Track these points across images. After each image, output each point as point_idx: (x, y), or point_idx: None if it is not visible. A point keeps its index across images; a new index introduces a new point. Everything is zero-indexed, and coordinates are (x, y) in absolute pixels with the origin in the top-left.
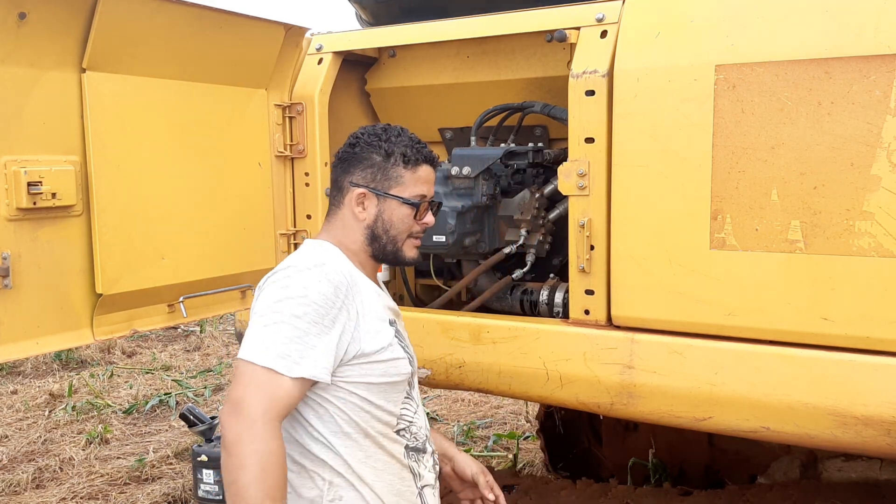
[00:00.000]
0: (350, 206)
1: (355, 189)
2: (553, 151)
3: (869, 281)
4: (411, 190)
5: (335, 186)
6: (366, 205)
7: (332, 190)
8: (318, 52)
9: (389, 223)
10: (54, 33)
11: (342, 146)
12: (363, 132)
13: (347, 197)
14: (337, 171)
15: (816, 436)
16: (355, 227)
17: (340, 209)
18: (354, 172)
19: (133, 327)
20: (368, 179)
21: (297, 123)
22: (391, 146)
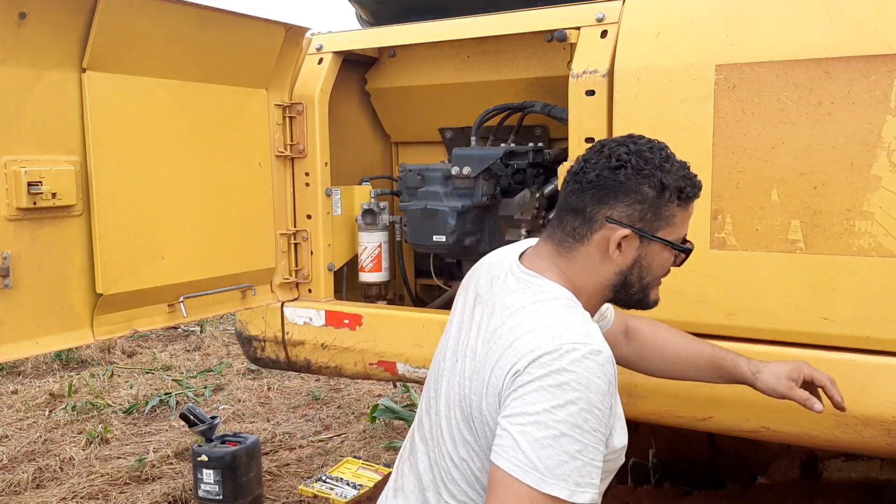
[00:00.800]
0: (601, 246)
1: (616, 228)
2: (553, 151)
3: (869, 281)
4: (679, 231)
5: (577, 214)
6: (625, 247)
7: (571, 217)
8: (318, 51)
9: (647, 269)
10: (54, 33)
11: (592, 162)
12: (629, 152)
13: (600, 235)
14: (584, 196)
15: (816, 436)
16: (602, 271)
17: (584, 245)
18: (615, 206)
19: (133, 327)
20: (635, 218)
21: (297, 123)
22: (666, 177)
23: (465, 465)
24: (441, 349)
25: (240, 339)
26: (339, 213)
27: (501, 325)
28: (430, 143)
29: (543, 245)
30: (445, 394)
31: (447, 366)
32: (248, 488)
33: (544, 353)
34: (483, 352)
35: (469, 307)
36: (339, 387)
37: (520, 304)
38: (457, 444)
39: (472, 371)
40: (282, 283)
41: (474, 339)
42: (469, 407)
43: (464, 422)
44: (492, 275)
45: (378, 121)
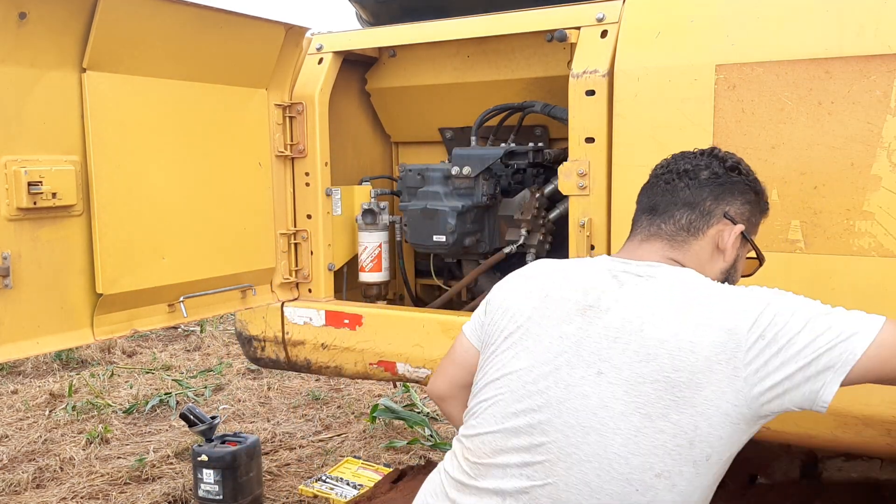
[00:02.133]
0: (714, 241)
1: (730, 224)
2: (553, 151)
3: (869, 281)
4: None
5: (697, 210)
6: (734, 244)
7: (689, 213)
8: (318, 51)
9: (736, 274)
10: (54, 33)
11: (704, 162)
12: (735, 159)
13: (716, 229)
14: (703, 192)
15: (816, 436)
16: (710, 265)
17: (699, 238)
18: (732, 203)
19: (133, 327)
20: (745, 217)
21: (297, 123)
22: (759, 187)
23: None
24: (517, 384)
25: (240, 339)
26: (339, 213)
27: (669, 312)
28: (430, 143)
29: (649, 245)
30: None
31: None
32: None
33: (758, 296)
34: (654, 348)
35: (572, 321)
36: (339, 387)
37: (688, 278)
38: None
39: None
40: (282, 283)
41: (620, 345)
42: (672, 400)
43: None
44: (589, 285)
45: (378, 121)
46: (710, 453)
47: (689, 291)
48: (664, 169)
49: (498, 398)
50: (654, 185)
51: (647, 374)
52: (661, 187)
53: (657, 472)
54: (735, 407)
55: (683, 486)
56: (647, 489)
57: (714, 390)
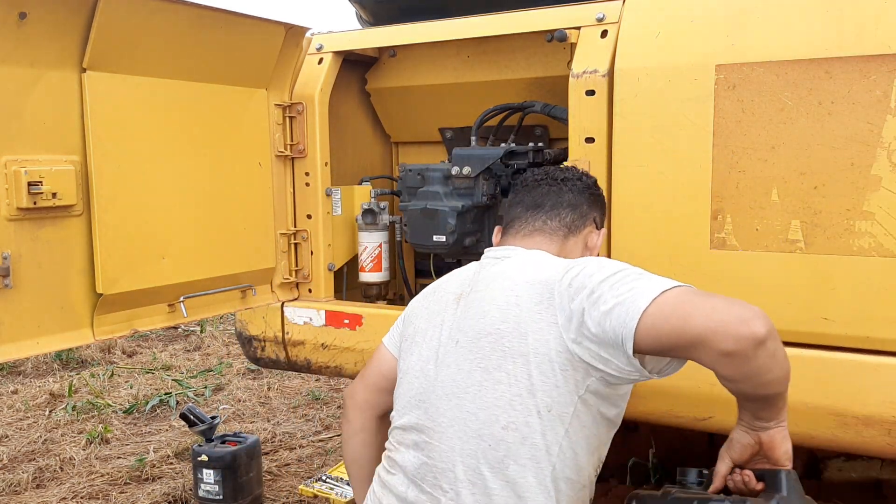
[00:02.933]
0: (585, 240)
1: (600, 229)
2: (553, 151)
3: (869, 281)
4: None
5: (577, 211)
6: (594, 248)
7: (572, 212)
8: (318, 51)
9: None
10: (54, 33)
11: (577, 173)
12: (595, 181)
13: (588, 230)
14: (583, 197)
15: (816, 436)
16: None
17: (575, 236)
18: (598, 211)
19: (133, 327)
20: (600, 226)
21: (297, 123)
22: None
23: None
24: (414, 371)
25: (240, 339)
26: (339, 213)
27: (513, 283)
28: (430, 143)
29: (530, 240)
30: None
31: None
32: (248, 488)
33: (573, 265)
34: (511, 315)
35: (447, 308)
36: (339, 387)
37: (537, 255)
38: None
39: (505, 344)
40: (282, 283)
41: (485, 319)
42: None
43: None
44: (465, 277)
45: (378, 121)
46: (551, 404)
47: (531, 263)
48: (542, 176)
49: (401, 395)
50: (536, 187)
51: (482, 329)
52: (544, 189)
53: (503, 424)
54: (559, 353)
55: (536, 439)
56: (498, 443)
57: (537, 338)
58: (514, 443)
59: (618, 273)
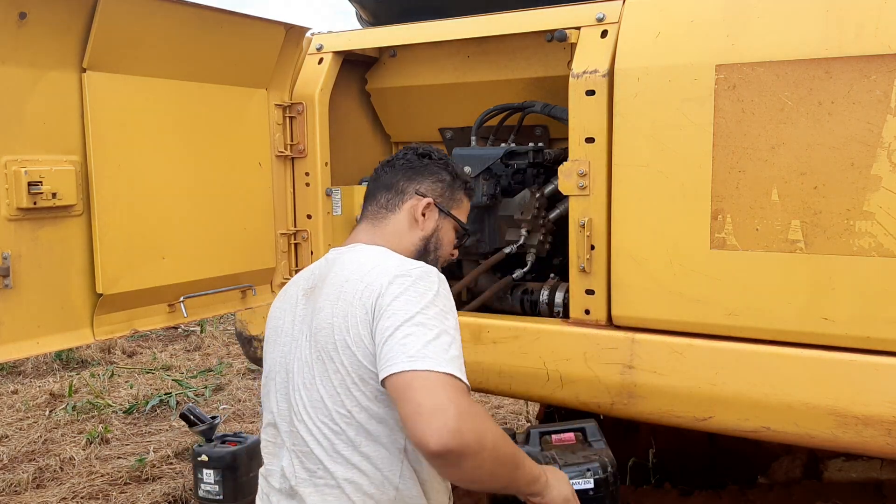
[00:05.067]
0: (410, 213)
1: (422, 198)
2: (553, 151)
3: (869, 281)
4: (463, 217)
5: (392, 190)
6: (427, 216)
7: (386, 193)
8: (318, 51)
9: (440, 242)
10: (54, 33)
11: (401, 154)
12: (428, 149)
13: (409, 203)
14: (397, 175)
15: (817, 436)
16: (409, 235)
17: (395, 213)
18: (423, 182)
19: (133, 327)
20: (437, 193)
21: (297, 123)
22: (455, 170)
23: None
24: (276, 367)
25: (240, 339)
26: (339, 213)
27: (346, 280)
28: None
29: (357, 228)
30: (323, 384)
31: (312, 362)
32: (248, 488)
33: (399, 275)
34: (340, 310)
35: (297, 304)
36: None
37: (356, 259)
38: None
39: (342, 332)
40: (282, 283)
41: (323, 312)
42: (355, 359)
43: (360, 381)
44: (310, 273)
45: (378, 121)
46: (378, 393)
47: (365, 261)
48: (381, 163)
49: (267, 394)
50: (371, 178)
51: (319, 324)
52: (372, 177)
53: (348, 408)
54: (369, 356)
55: (363, 419)
56: (347, 425)
57: (356, 339)
58: (346, 427)
59: (414, 317)
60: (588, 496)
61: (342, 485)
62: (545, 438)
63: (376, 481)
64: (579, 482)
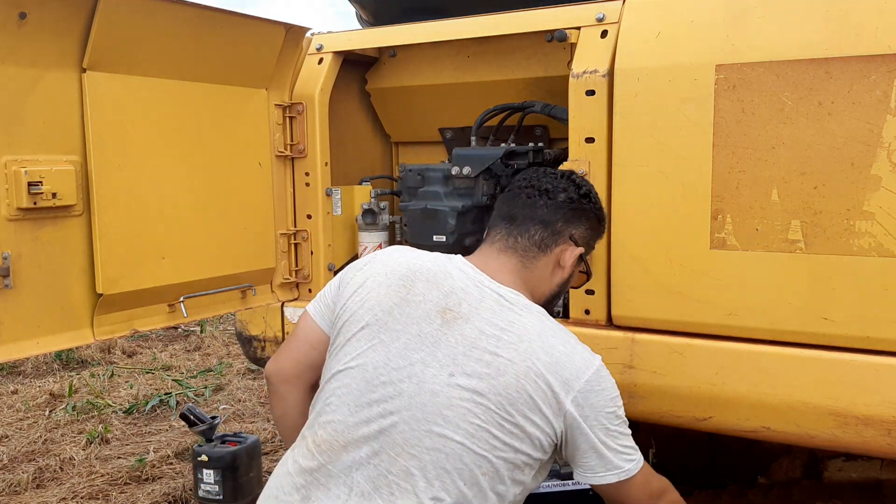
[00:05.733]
0: (557, 258)
1: (574, 246)
2: (553, 151)
3: (869, 281)
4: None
5: (549, 229)
6: (572, 264)
7: (542, 230)
8: (318, 51)
9: (567, 285)
10: (54, 33)
11: (562, 185)
12: (588, 187)
13: (561, 248)
14: (558, 214)
15: (817, 436)
16: (548, 280)
17: (546, 255)
18: (578, 227)
19: (133, 327)
20: (585, 240)
21: (297, 123)
22: (603, 213)
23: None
24: (382, 359)
25: (240, 339)
26: (339, 213)
27: (524, 341)
28: (430, 143)
29: (504, 258)
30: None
31: (431, 378)
32: (248, 488)
33: (595, 368)
34: (503, 367)
35: (432, 321)
36: None
37: (529, 324)
38: (479, 445)
39: (489, 387)
40: (282, 283)
41: (476, 354)
42: (507, 416)
43: (494, 424)
44: (451, 288)
45: (378, 121)
46: (523, 479)
47: (543, 329)
48: (527, 183)
49: (352, 387)
50: (516, 197)
51: (490, 388)
52: (522, 200)
53: (483, 471)
54: (547, 442)
55: (505, 493)
56: (471, 484)
57: (538, 423)
58: (484, 490)
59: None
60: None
61: None
62: None
63: None
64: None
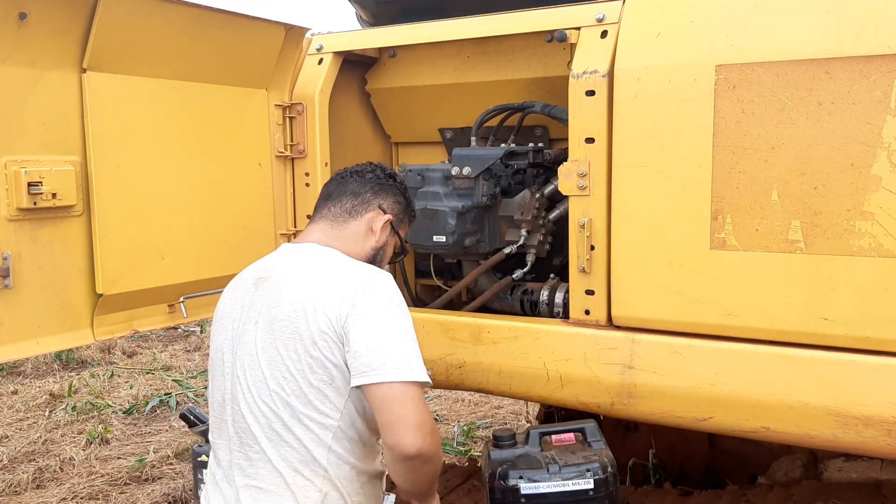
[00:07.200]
0: (368, 223)
1: (383, 213)
2: (553, 151)
3: (869, 281)
4: (404, 236)
5: (359, 198)
6: (382, 230)
7: (353, 199)
8: (318, 52)
9: (383, 255)
10: (54, 33)
11: (370, 168)
12: (393, 172)
13: (370, 214)
14: (366, 187)
15: (816, 436)
16: (362, 243)
17: (356, 220)
18: (386, 199)
19: (133, 327)
20: (395, 212)
21: (297, 123)
22: (410, 197)
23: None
24: (224, 349)
25: None
26: None
27: (310, 278)
28: (430, 143)
29: (315, 226)
30: (271, 374)
31: (260, 354)
32: None
33: (361, 279)
34: (300, 306)
35: (247, 300)
36: None
37: (316, 260)
38: (315, 404)
39: (293, 330)
40: None
41: (283, 306)
42: (315, 359)
43: (318, 378)
44: (263, 265)
45: (378, 121)
46: (329, 381)
47: (323, 261)
48: (342, 171)
49: (213, 375)
50: (332, 180)
51: (277, 315)
52: (336, 181)
53: (287, 392)
54: (332, 356)
55: (319, 405)
56: (284, 406)
57: (316, 338)
58: (297, 406)
59: (385, 328)
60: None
61: (273, 460)
62: (545, 439)
63: (306, 459)
64: (579, 482)
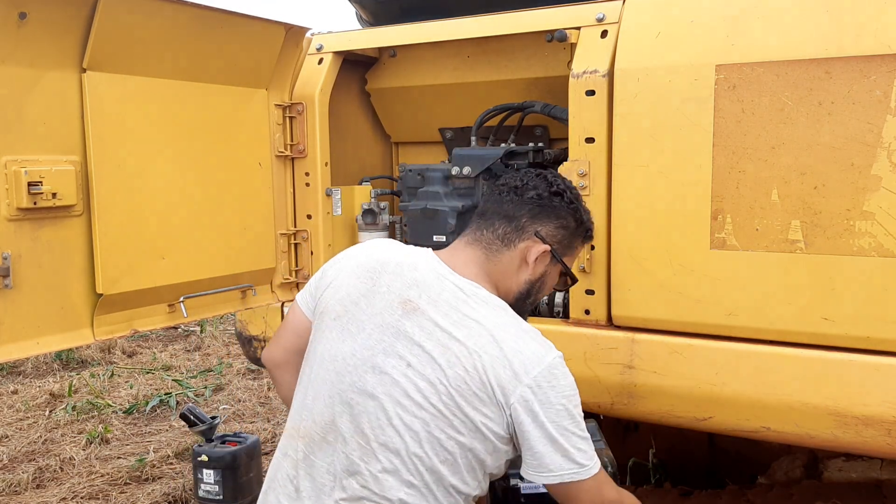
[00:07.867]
0: (522, 254)
1: (540, 243)
2: (553, 151)
3: (869, 281)
4: (572, 263)
5: (513, 224)
6: (539, 261)
7: (506, 225)
8: (318, 52)
9: (543, 287)
10: (54, 33)
11: (533, 183)
12: (566, 186)
13: (525, 244)
14: (523, 209)
15: (817, 436)
16: (514, 276)
17: (509, 250)
18: (546, 224)
19: (133, 327)
20: (556, 240)
21: (297, 123)
22: (585, 216)
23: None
24: (342, 349)
25: (240, 340)
26: (339, 213)
27: (475, 334)
28: (430, 143)
29: (469, 250)
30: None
31: (392, 368)
32: (248, 488)
33: (547, 362)
34: (455, 359)
35: (394, 312)
36: None
37: (483, 317)
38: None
39: (441, 377)
40: (282, 283)
41: (430, 345)
42: (457, 408)
43: (447, 413)
44: (413, 280)
45: (378, 121)
46: (475, 464)
47: (497, 324)
48: (503, 181)
49: (326, 379)
50: (491, 194)
51: (443, 379)
52: (494, 197)
53: (441, 459)
54: (498, 435)
55: (454, 480)
56: (420, 473)
57: (486, 415)
58: (442, 474)
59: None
60: None
61: None
62: None
63: None
64: None
